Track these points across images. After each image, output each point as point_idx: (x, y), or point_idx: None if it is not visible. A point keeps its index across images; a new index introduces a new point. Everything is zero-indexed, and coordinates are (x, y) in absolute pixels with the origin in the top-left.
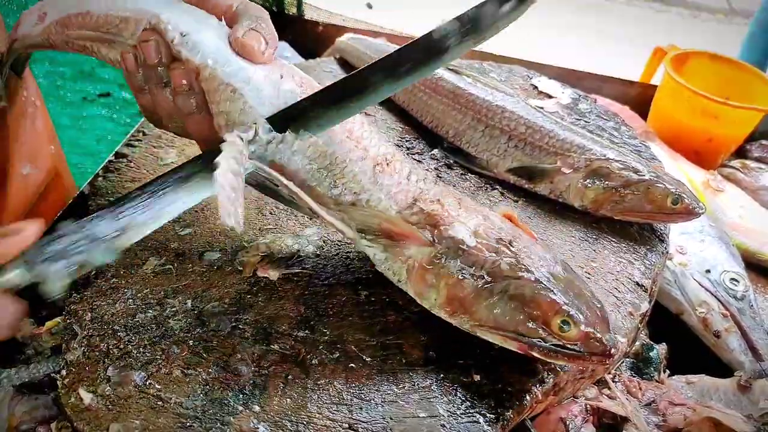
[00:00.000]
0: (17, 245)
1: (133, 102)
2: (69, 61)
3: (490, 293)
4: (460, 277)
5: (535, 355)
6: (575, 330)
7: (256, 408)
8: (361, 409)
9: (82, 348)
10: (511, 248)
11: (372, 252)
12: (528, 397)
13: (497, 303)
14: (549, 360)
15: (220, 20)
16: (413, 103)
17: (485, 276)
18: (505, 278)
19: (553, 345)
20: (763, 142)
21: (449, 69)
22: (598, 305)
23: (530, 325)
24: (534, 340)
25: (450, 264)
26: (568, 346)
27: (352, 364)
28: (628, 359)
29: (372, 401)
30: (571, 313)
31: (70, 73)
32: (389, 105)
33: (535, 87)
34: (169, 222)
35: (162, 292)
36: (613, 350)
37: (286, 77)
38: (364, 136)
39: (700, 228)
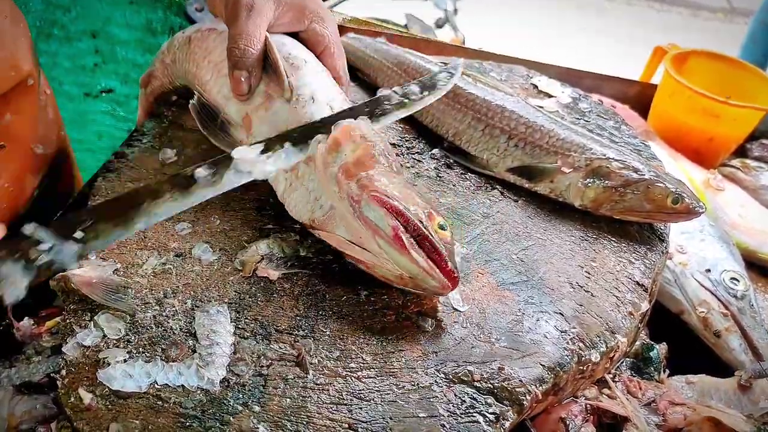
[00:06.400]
0: None
1: (136, 98)
2: (70, 55)
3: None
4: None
5: (407, 228)
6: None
7: (256, 408)
8: (361, 409)
9: (82, 348)
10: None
11: None
12: (528, 397)
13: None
14: (410, 248)
15: None
16: None
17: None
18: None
19: (428, 231)
20: (764, 141)
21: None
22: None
23: (423, 213)
24: (419, 223)
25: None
26: (435, 240)
27: (352, 364)
28: (628, 359)
29: (372, 401)
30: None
31: (72, 68)
32: None
33: (535, 86)
34: (169, 221)
35: (162, 292)
36: (455, 275)
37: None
38: None
39: (701, 227)
